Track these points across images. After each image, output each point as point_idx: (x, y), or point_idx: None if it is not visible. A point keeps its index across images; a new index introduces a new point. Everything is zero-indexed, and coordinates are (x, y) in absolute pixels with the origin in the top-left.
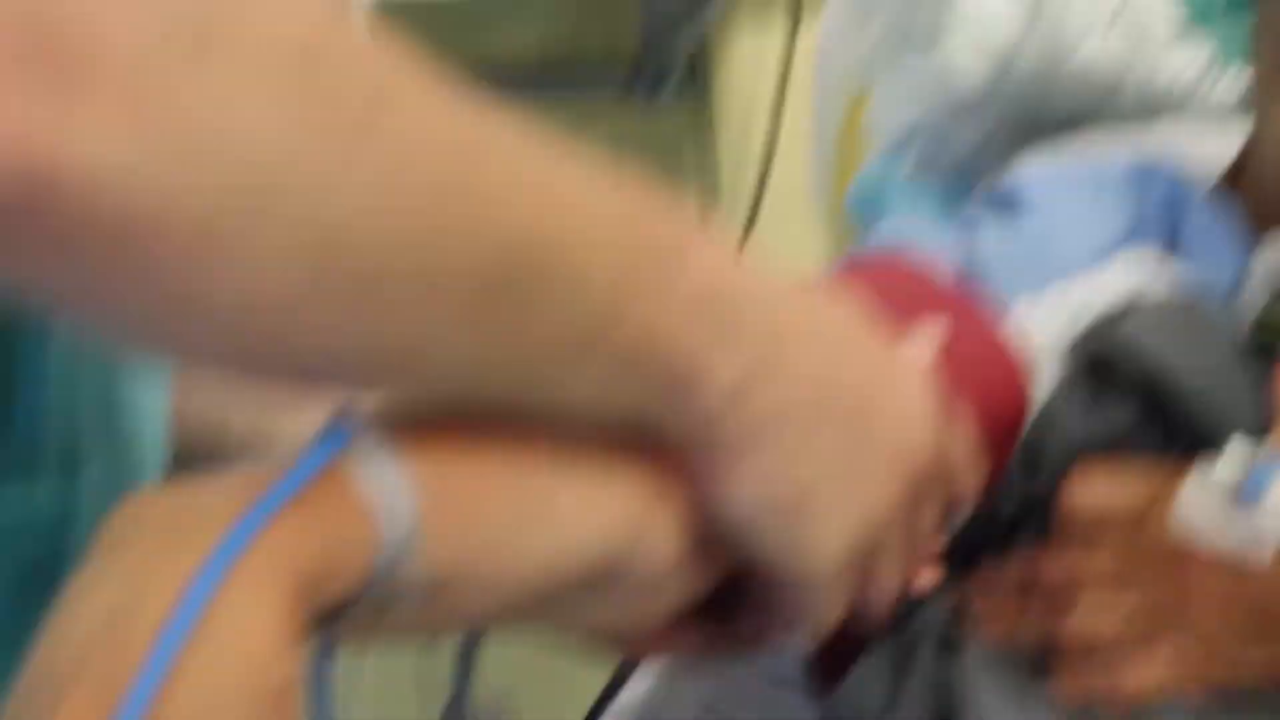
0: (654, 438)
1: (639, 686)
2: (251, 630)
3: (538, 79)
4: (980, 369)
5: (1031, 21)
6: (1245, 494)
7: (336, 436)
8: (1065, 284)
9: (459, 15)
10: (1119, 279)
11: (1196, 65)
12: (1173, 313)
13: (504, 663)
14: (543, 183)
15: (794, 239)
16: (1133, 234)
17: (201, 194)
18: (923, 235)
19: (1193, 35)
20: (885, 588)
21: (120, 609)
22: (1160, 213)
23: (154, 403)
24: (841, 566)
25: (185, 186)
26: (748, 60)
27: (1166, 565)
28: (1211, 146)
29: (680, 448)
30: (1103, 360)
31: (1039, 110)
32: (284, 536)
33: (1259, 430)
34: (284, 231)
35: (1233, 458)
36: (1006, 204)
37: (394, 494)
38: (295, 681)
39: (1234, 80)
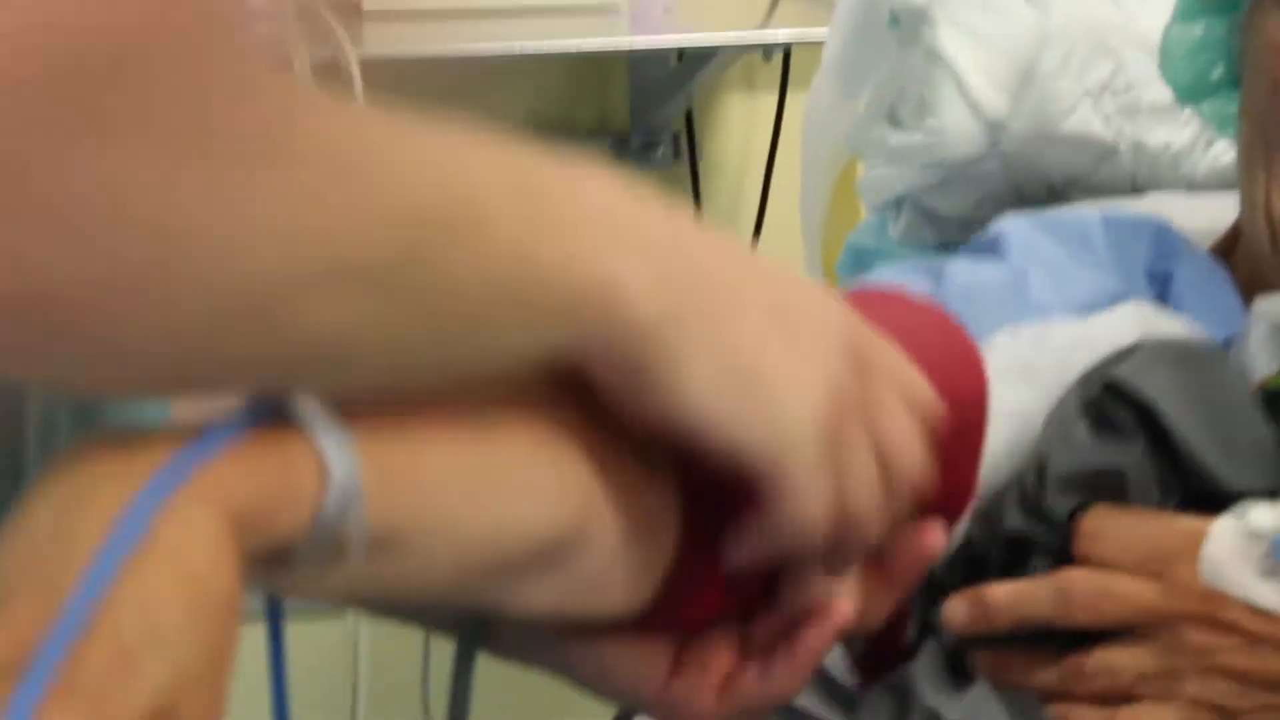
0: (594, 394)
1: None
2: (189, 547)
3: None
4: (937, 352)
5: (1022, 90)
6: None
7: (282, 396)
8: (1045, 322)
9: (448, 83)
10: (1120, 326)
11: (1187, 134)
12: (1176, 351)
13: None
14: (430, 154)
15: None
16: (1121, 286)
17: (92, 266)
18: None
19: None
20: (864, 494)
21: (65, 526)
22: (1150, 262)
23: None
24: (813, 443)
25: (74, 263)
26: (737, 128)
27: (1191, 623)
28: (1201, 219)
29: (621, 388)
30: (1104, 394)
31: (1029, 177)
32: (225, 472)
33: (1272, 478)
34: (184, 280)
35: (1269, 513)
36: (986, 250)
37: (335, 446)
38: (233, 598)
39: (1225, 149)
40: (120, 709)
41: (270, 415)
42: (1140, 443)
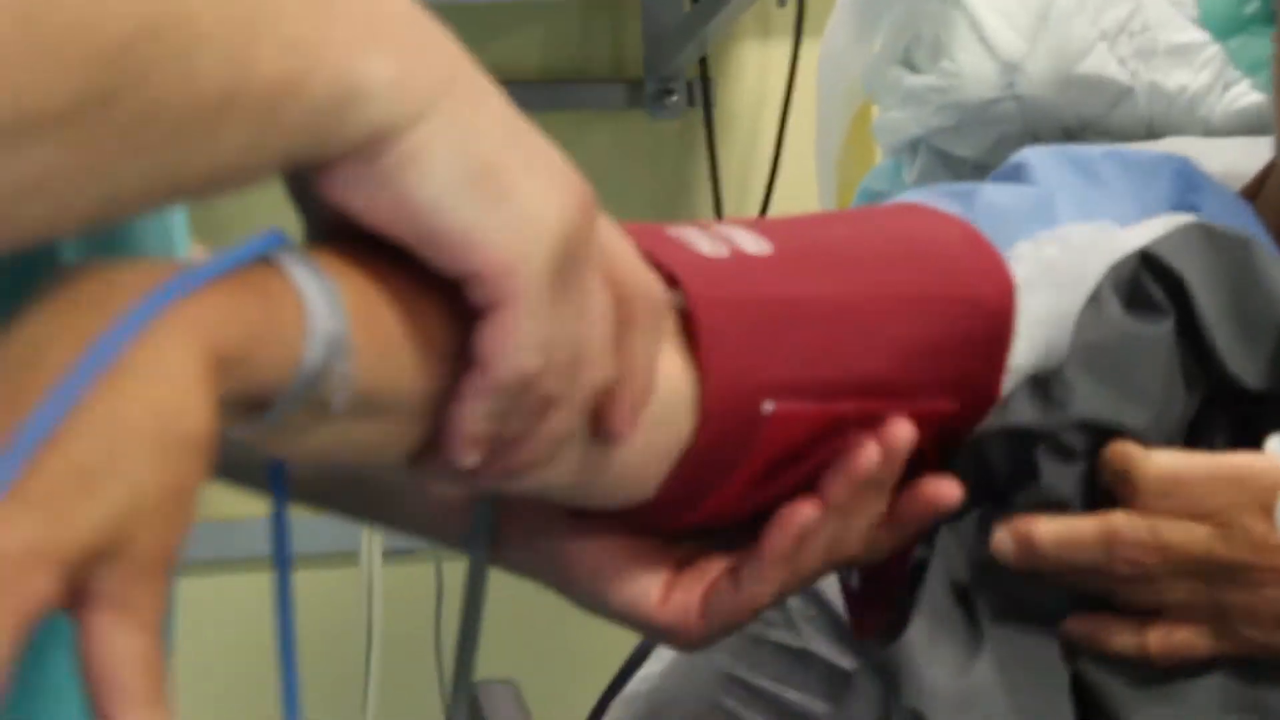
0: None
1: (653, 668)
2: (161, 381)
3: (543, 91)
4: (964, 262)
5: (1038, 31)
6: None
7: (269, 238)
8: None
9: (462, 26)
10: (1154, 231)
11: (1204, 76)
12: (1215, 233)
13: (510, 653)
14: None
15: None
16: (1145, 212)
17: None
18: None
19: (1202, 47)
20: (573, 348)
21: (40, 348)
22: (1176, 196)
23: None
24: (547, 263)
25: None
26: (753, 72)
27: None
28: (1217, 163)
29: (356, 187)
30: (1139, 267)
31: (1044, 120)
32: (206, 309)
33: None
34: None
35: None
36: (1009, 177)
37: (322, 295)
38: (205, 439)
39: (1243, 92)
40: (69, 527)
41: (256, 261)
42: (1171, 321)
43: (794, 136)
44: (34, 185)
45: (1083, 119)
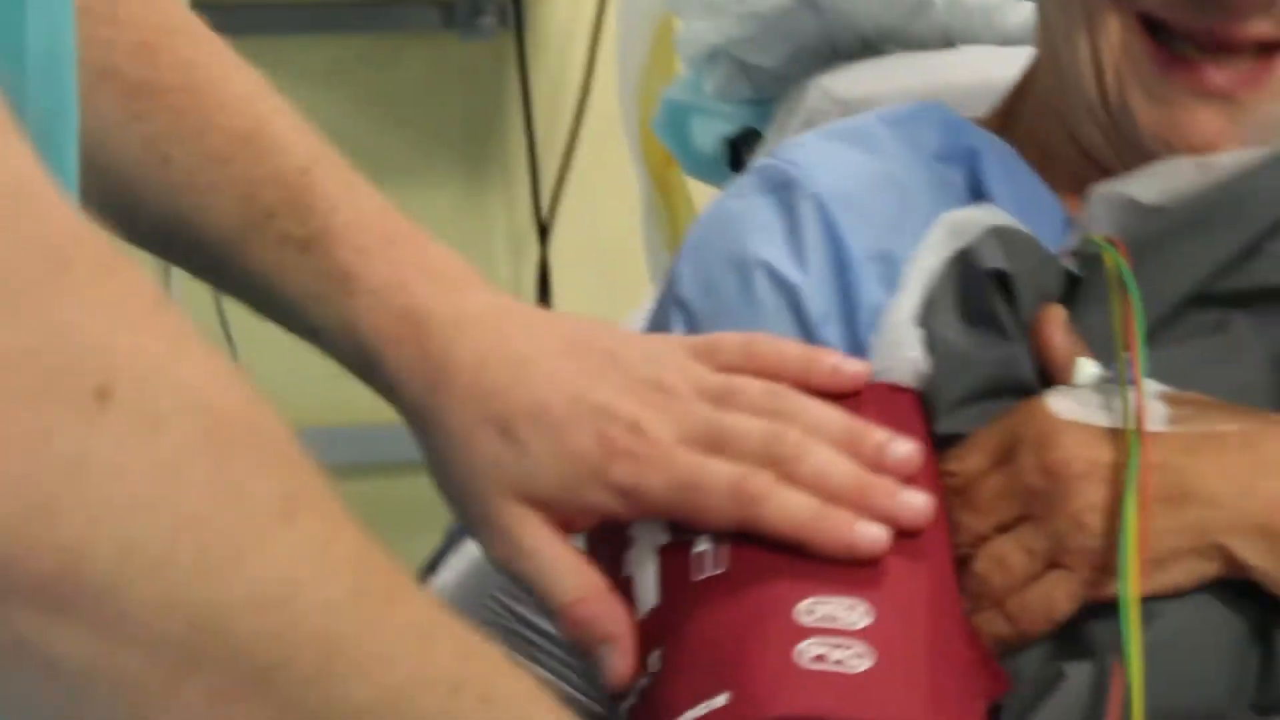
0: None
1: (446, 577)
2: None
3: (356, 14)
4: None
5: None
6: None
7: None
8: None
9: None
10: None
11: None
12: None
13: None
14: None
15: (611, 166)
16: (925, 177)
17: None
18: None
19: None
20: None
21: None
22: (947, 143)
23: None
24: None
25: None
26: None
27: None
28: (1013, 71)
29: None
30: (963, 273)
31: (843, 30)
32: None
33: None
34: (154, 595)
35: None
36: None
37: None
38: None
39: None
40: None
41: None
42: (1018, 331)
43: (605, 58)
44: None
45: (881, 29)
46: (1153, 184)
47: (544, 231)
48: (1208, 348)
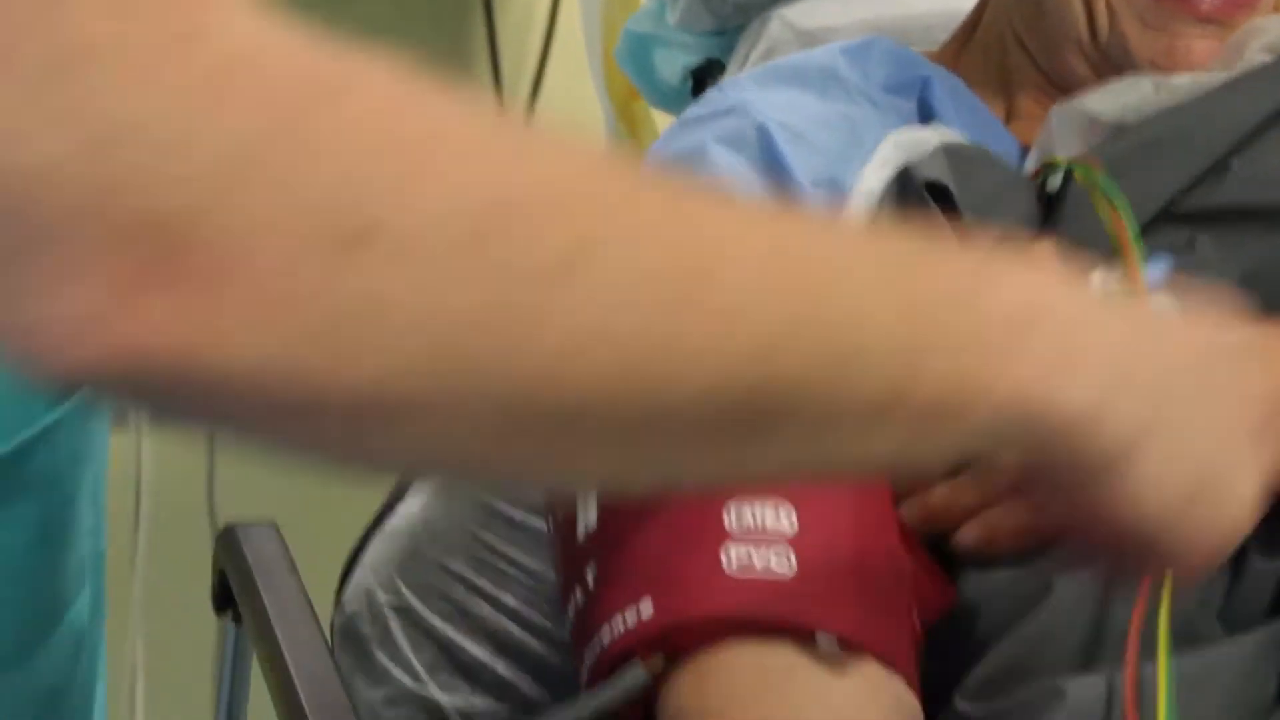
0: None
1: (413, 506)
2: None
3: None
4: None
5: None
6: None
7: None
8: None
9: None
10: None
11: None
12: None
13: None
14: (791, 275)
15: (578, 102)
16: (883, 111)
17: (359, 372)
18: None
19: None
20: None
21: None
22: (897, 73)
23: None
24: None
25: (336, 371)
26: None
27: None
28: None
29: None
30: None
31: None
32: None
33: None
34: (467, 389)
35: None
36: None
37: None
38: None
39: None
40: None
41: None
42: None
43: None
44: (643, 466)
45: None
46: (1112, 100)
47: None
48: (1178, 266)
